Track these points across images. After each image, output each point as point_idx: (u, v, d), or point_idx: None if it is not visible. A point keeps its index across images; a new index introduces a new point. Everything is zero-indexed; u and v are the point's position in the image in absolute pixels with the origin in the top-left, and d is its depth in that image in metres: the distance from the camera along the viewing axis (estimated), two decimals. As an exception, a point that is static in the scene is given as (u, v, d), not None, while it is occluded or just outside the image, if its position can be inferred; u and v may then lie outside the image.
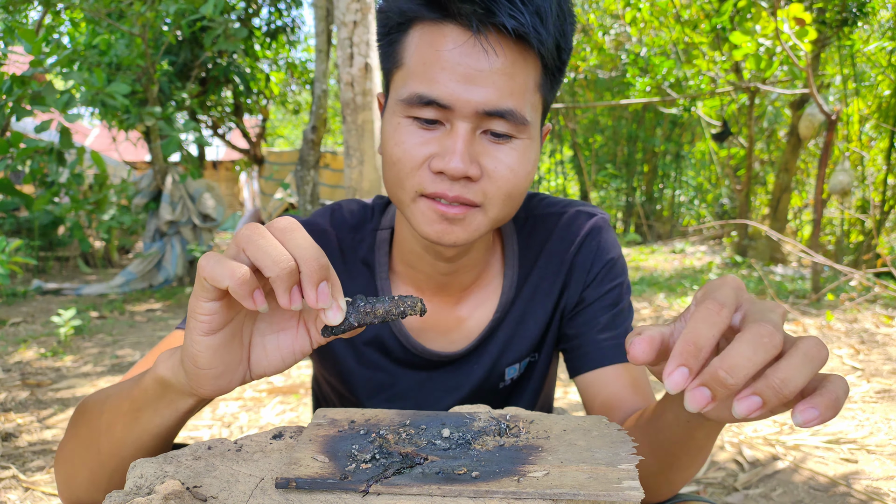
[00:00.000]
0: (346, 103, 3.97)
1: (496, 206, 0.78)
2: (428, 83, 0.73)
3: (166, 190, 6.27)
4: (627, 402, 0.88)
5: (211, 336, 0.57)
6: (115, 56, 5.98)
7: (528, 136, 0.78)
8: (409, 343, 0.94)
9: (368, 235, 0.96)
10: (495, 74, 0.72)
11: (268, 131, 13.38)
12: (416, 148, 0.76)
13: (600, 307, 0.95)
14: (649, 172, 12.18)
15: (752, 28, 5.47)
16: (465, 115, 0.73)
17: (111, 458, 0.66)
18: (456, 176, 0.74)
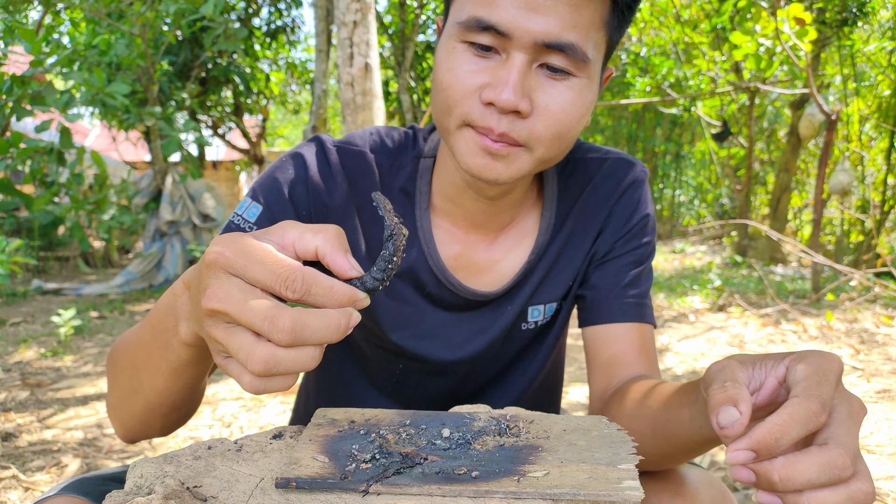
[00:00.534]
0: (346, 103, 3.97)
1: (543, 147, 0.75)
2: (488, 6, 0.70)
3: (166, 190, 6.27)
4: (632, 363, 0.88)
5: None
6: (115, 56, 5.98)
7: (587, 76, 0.74)
8: (444, 277, 0.91)
9: (410, 163, 0.92)
10: (560, 4, 0.68)
11: (268, 131, 13.38)
12: (469, 75, 0.73)
13: (627, 262, 0.94)
14: (649, 172, 12.18)
15: (752, 28, 5.47)
16: (522, 45, 0.70)
17: (161, 405, 0.69)
18: (506, 109, 0.71)
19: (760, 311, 4.49)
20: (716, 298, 5.03)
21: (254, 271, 0.48)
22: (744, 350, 3.55)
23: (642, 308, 0.92)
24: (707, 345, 3.71)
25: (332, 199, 0.88)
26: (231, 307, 0.47)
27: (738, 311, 4.55)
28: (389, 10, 11.13)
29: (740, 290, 5.40)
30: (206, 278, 0.50)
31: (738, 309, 4.60)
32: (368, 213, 0.91)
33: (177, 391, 0.67)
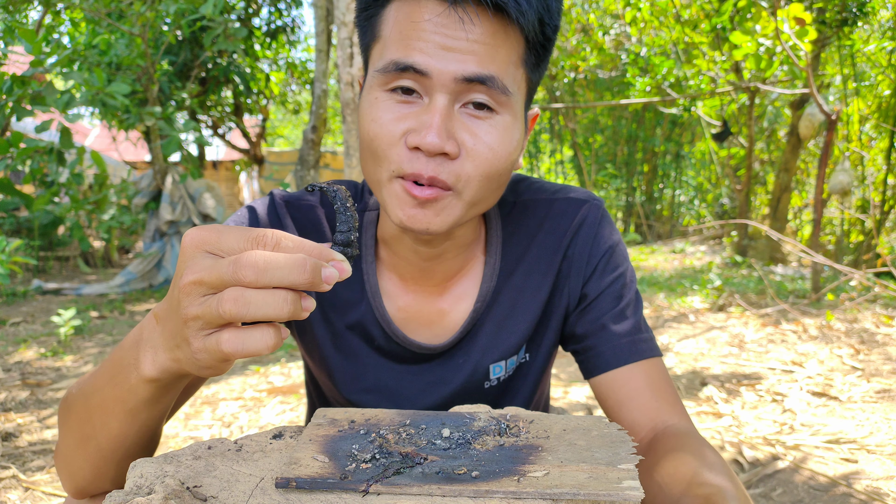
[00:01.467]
0: (346, 103, 3.97)
1: (472, 188, 0.74)
2: (405, 50, 0.71)
3: (166, 190, 6.27)
4: (644, 404, 0.85)
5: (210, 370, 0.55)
6: (115, 56, 5.98)
7: (511, 113, 0.75)
8: (391, 330, 0.90)
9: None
10: (474, 44, 0.70)
11: (268, 131, 13.39)
12: (393, 123, 0.73)
13: (606, 302, 0.91)
14: (649, 172, 12.18)
15: (752, 28, 5.47)
16: (443, 84, 0.71)
17: (114, 452, 0.67)
18: (432, 151, 0.70)
19: (760, 310, 4.49)
20: (716, 298, 5.03)
21: (227, 240, 0.51)
22: (743, 350, 3.55)
23: (637, 345, 0.89)
24: (707, 345, 3.71)
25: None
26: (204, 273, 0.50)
27: (738, 310, 4.55)
28: (389, 9, 11.10)
29: (740, 290, 5.40)
30: (183, 264, 0.52)
31: (738, 309, 4.60)
32: None
33: (132, 435, 0.65)
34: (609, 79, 9.65)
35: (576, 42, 8.54)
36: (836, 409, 2.53)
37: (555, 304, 0.94)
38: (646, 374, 0.87)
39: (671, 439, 0.77)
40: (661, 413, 0.84)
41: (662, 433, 0.81)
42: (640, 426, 0.84)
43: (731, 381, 2.96)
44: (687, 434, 0.78)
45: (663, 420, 0.84)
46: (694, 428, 0.83)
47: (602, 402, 0.90)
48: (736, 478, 0.68)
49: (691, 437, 0.77)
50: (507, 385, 0.97)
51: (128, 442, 0.66)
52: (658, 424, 0.83)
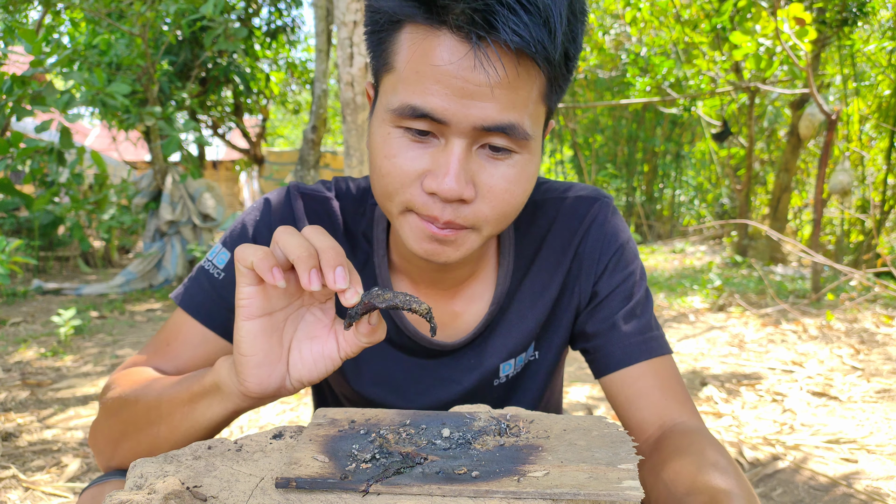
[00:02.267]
0: (346, 103, 3.97)
1: (490, 226, 0.75)
2: (421, 95, 0.67)
3: (166, 190, 6.27)
4: (653, 402, 0.85)
5: (251, 321, 0.64)
6: (115, 56, 5.98)
7: (529, 151, 0.73)
8: (402, 324, 0.90)
9: (369, 209, 0.92)
10: (495, 89, 0.66)
11: (268, 131, 13.38)
12: (408, 162, 0.70)
13: (616, 300, 0.91)
14: (649, 172, 12.18)
15: (752, 28, 5.47)
16: (461, 131, 0.68)
17: (167, 441, 0.74)
18: (449, 198, 0.69)
19: (760, 310, 4.49)
20: (716, 298, 5.03)
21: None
22: (743, 350, 3.55)
23: (647, 343, 0.89)
24: (707, 345, 3.71)
25: None
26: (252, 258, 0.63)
27: (738, 310, 4.55)
28: (389, 9, 11.10)
29: (740, 290, 5.40)
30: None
31: (738, 309, 4.60)
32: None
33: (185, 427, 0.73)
34: (609, 79, 9.65)
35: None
36: (836, 409, 2.53)
37: (565, 303, 0.94)
38: (655, 373, 0.87)
39: (678, 438, 0.77)
40: (670, 411, 0.84)
41: (670, 431, 0.80)
42: (649, 424, 0.84)
43: (731, 381, 2.96)
44: (695, 432, 0.78)
45: (672, 418, 0.83)
46: (703, 426, 0.83)
47: (612, 401, 0.90)
48: (743, 477, 0.68)
49: (699, 436, 0.77)
50: (514, 382, 0.97)
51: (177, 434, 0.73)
52: (666, 422, 0.83)
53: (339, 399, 1.03)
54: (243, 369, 0.65)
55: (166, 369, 0.87)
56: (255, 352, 0.65)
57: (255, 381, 0.66)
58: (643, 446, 0.83)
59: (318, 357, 0.68)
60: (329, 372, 0.69)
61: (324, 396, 1.08)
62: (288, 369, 0.68)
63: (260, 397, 0.68)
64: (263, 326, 0.65)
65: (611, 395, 0.90)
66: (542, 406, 1.03)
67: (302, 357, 0.68)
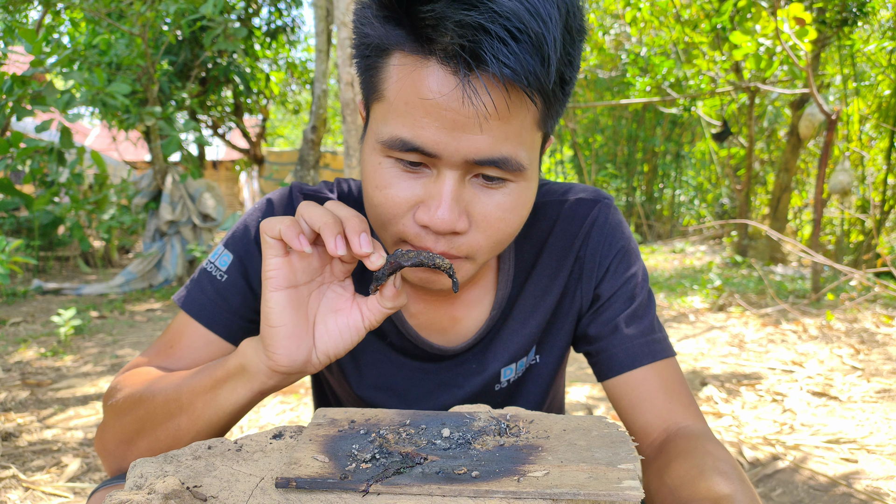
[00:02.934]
0: (346, 103, 3.97)
1: (485, 254, 0.74)
2: (411, 128, 0.65)
3: (166, 190, 6.27)
4: (656, 405, 0.84)
5: (279, 292, 0.66)
6: (115, 56, 5.98)
7: (525, 179, 0.71)
8: (403, 328, 0.89)
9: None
10: (487, 121, 0.64)
11: (268, 131, 13.38)
12: (400, 193, 0.69)
13: (618, 303, 0.90)
14: (649, 172, 12.18)
15: (752, 28, 5.47)
16: (452, 164, 0.67)
17: (188, 432, 0.73)
18: (442, 231, 0.68)
19: (760, 310, 4.49)
20: (716, 298, 5.03)
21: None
22: (744, 350, 3.55)
23: (650, 346, 0.88)
24: (707, 344, 3.71)
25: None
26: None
27: (738, 310, 4.55)
28: (389, 9, 11.10)
29: (740, 290, 5.40)
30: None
31: (738, 309, 4.60)
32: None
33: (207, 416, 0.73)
34: (609, 79, 9.65)
35: (576, 42, 8.51)
36: (836, 408, 2.53)
37: (566, 306, 0.93)
38: (659, 376, 0.86)
39: (682, 441, 0.77)
40: (674, 415, 0.83)
41: (675, 435, 0.80)
42: (653, 428, 0.84)
43: (731, 381, 2.96)
44: (699, 436, 0.78)
45: (676, 422, 0.83)
46: (707, 429, 0.82)
47: (615, 405, 0.90)
48: (747, 481, 0.67)
49: (703, 440, 0.76)
50: (516, 387, 0.97)
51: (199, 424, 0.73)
52: (671, 426, 0.82)
53: (341, 402, 1.02)
54: (272, 341, 0.66)
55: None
56: (284, 321, 0.66)
57: (284, 352, 0.66)
58: (647, 450, 0.83)
59: (344, 328, 0.70)
60: (354, 343, 0.71)
61: (325, 400, 1.08)
62: (315, 343, 0.69)
63: (288, 372, 0.68)
64: (290, 298, 0.67)
65: (614, 399, 0.90)
66: (544, 410, 1.02)
67: (328, 330, 0.70)
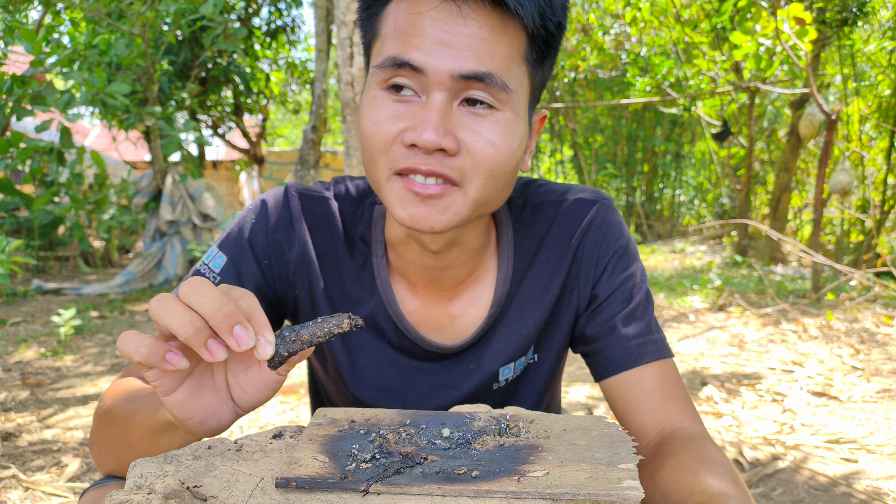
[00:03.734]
0: (346, 103, 3.97)
1: (477, 186, 0.73)
2: (402, 46, 0.70)
3: (166, 190, 6.27)
4: (652, 406, 0.84)
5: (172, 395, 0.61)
6: (115, 56, 5.98)
7: (512, 110, 0.73)
8: (402, 325, 0.89)
9: (367, 210, 0.92)
10: (472, 39, 0.68)
11: (268, 131, 13.38)
12: (389, 122, 0.72)
13: (616, 303, 0.90)
14: (649, 172, 12.18)
15: (752, 28, 5.47)
16: (439, 82, 0.69)
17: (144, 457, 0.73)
18: (429, 148, 0.69)
19: (760, 310, 4.48)
20: (716, 298, 5.03)
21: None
22: (744, 350, 3.55)
23: (647, 346, 0.88)
24: (707, 344, 3.71)
25: (291, 246, 0.90)
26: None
27: (738, 310, 4.55)
28: (389, 9, 11.11)
29: (740, 290, 5.40)
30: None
31: (738, 309, 4.60)
32: (329, 259, 0.91)
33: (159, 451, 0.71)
34: (609, 79, 9.65)
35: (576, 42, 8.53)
36: (836, 408, 2.53)
37: (564, 306, 0.93)
38: (655, 377, 0.86)
39: (678, 443, 0.77)
40: (669, 416, 0.83)
41: (669, 436, 0.80)
42: (649, 429, 0.83)
43: (731, 381, 2.96)
44: (694, 437, 0.77)
45: (671, 423, 0.83)
46: (703, 430, 0.82)
47: (612, 405, 0.90)
48: (741, 482, 0.67)
49: (697, 441, 0.76)
50: (514, 386, 0.96)
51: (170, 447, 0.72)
52: (666, 427, 0.82)
53: (336, 405, 1.02)
54: (188, 428, 0.64)
55: None
56: (192, 415, 0.63)
57: (204, 431, 0.65)
58: (642, 451, 0.82)
59: (259, 384, 0.65)
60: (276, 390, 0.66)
61: (321, 402, 1.07)
62: (235, 403, 0.66)
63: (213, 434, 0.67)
64: (189, 390, 0.62)
65: (610, 399, 0.89)
66: (541, 409, 1.02)
67: (243, 388, 0.65)
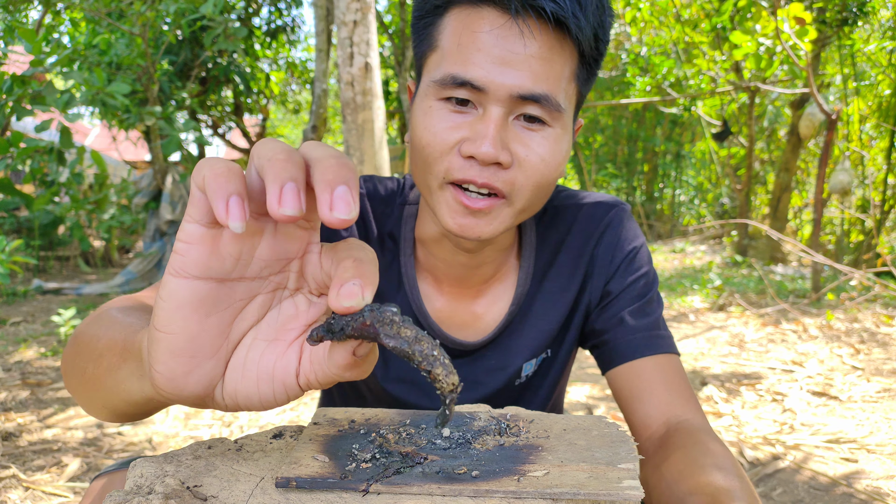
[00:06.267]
0: (346, 103, 3.97)
1: (524, 198, 0.77)
2: (463, 64, 0.72)
3: (166, 189, 6.27)
4: (657, 397, 0.85)
5: (182, 280, 0.41)
6: (115, 56, 5.98)
7: (562, 126, 0.77)
8: (426, 323, 0.91)
9: (396, 209, 0.94)
10: (532, 59, 0.71)
11: (268, 131, 13.38)
12: (447, 132, 0.74)
13: (626, 299, 0.92)
14: (649, 172, 12.18)
15: (752, 27, 5.47)
16: (498, 99, 0.72)
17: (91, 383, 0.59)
18: (486, 161, 0.72)
19: (760, 310, 4.48)
20: (716, 298, 5.02)
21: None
22: (744, 350, 3.55)
23: (654, 339, 0.89)
24: (707, 344, 3.71)
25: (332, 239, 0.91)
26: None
27: (738, 310, 4.55)
28: (389, 9, 11.13)
29: (740, 290, 5.40)
30: None
31: (738, 308, 4.60)
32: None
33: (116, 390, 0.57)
34: (609, 78, 9.65)
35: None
36: (836, 408, 2.53)
37: (579, 303, 0.96)
38: (661, 369, 0.87)
39: (682, 436, 0.77)
40: (675, 408, 0.84)
41: (675, 429, 0.80)
42: (653, 420, 0.84)
43: (731, 381, 2.96)
44: (700, 431, 0.78)
45: (676, 415, 0.83)
46: (707, 425, 0.83)
47: (616, 395, 0.91)
48: (746, 478, 0.68)
49: (703, 435, 0.77)
50: (531, 381, 0.99)
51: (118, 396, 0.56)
52: (671, 419, 0.83)
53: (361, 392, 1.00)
54: (154, 349, 0.43)
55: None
56: (173, 329, 0.42)
57: (165, 371, 0.44)
58: (646, 443, 0.83)
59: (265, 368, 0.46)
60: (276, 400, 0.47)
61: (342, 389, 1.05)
62: (224, 375, 0.46)
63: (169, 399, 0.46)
64: (200, 295, 0.42)
65: (615, 389, 0.91)
66: (551, 403, 1.04)
67: (246, 365, 0.46)
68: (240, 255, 0.43)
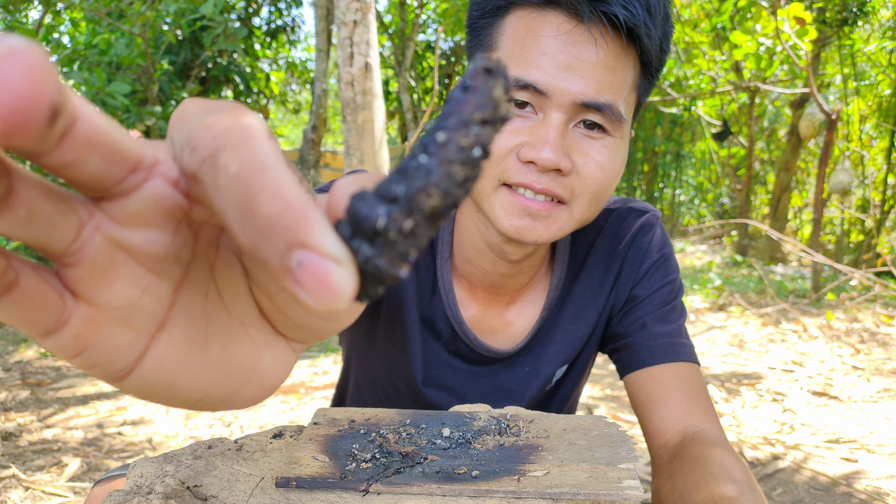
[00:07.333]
0: (347, 103, 3.97)
1: (582, 205, 0.75)
2: (526, 67, 0.70)
3: (166, 189, 6.27)
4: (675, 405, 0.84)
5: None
6: (115, 56, 5.98)
7: (621, 135, 0.75)
8: (460, 329, 0.89)
9: None
10: (597, 66, 0.70)
11: (268, 131, 13.37)
12: (506, 135, 0.72)
13: (651, 305, 0.91)
14: (649, 172, 12.17)
15: (752, 27, 5.47)
16: (560, 105, 0.70)
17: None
18: (547, 167, 0.70)
19: (760, 310, 4.48)
20: (716, 298, 5.02)
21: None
22: (744, 350, 3.55)
23: (675, 346, 0.88)
24: (707, 344, 3.71)
25: None
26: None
27: (738, 310, 4.55)
28: (389, 9, 11.13)
29: (740, 290, 5.40)
30: None
31: (738, 308, 4.60)
32: None
33: None
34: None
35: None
36: (836, 408, 2.53)
37: (606, 307, 0.95)
38: (680, 376, 0.86)
39: (698, 446, 0.77)
40: (692, 417, 0.83)
41: (691, 439, 0.80)
42: (669, 427, 0.83)
43: (731, 381, 2.96)
44: (715, 442, 0.77)
45: (693, 424, 0.82)
46: (724, 437, 0.82)
47: (633, 400, 0.90)
48: (758, 489, 0.68)
49: (719, 446, 0.76)
50: (557, 385, 0.99)
51: None
52: (687, 428, 0.82)
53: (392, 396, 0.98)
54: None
55: None
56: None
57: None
58: (660, 450, 0.82)
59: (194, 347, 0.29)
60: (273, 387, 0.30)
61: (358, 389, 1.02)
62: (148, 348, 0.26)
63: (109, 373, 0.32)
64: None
65: (632, 395, 0.90)
66: (569, 404, 1.04)
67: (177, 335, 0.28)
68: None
